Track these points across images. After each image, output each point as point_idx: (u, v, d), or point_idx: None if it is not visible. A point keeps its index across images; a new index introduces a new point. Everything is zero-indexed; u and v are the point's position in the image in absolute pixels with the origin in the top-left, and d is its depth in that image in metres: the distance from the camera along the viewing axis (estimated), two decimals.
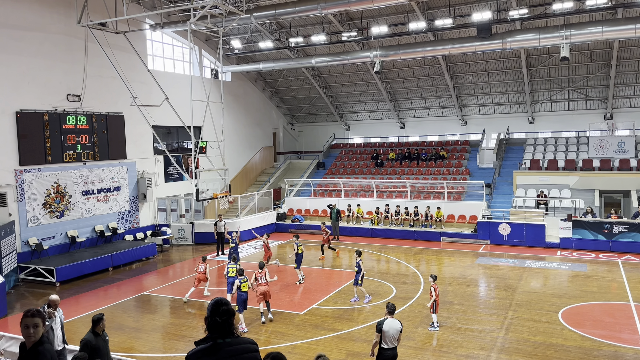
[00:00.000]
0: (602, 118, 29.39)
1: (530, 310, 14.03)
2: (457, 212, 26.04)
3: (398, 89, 33.71)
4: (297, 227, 27.93)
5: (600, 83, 28.61)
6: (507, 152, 30.66)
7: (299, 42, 27.80)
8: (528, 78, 29.08)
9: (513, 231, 23.18)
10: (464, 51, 24.00)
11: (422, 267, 19.76)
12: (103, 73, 22.00)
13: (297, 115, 39.21)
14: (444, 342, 11.95)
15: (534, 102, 30.85)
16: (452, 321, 13.35)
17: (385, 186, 29.24)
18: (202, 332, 3.85)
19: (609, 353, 11.11)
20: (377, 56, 25.26)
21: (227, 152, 24.72)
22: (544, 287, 16.57)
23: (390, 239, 25.38)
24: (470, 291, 16.21)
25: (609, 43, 25.52)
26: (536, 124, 31.40)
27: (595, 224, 21.85)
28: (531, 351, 11.30)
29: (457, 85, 31.73)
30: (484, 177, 27.81)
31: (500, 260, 20.46)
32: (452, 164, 30.51)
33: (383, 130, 36.05)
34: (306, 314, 14.15)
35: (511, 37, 22.43)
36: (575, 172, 26.19)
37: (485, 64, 29.90)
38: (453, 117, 33.56)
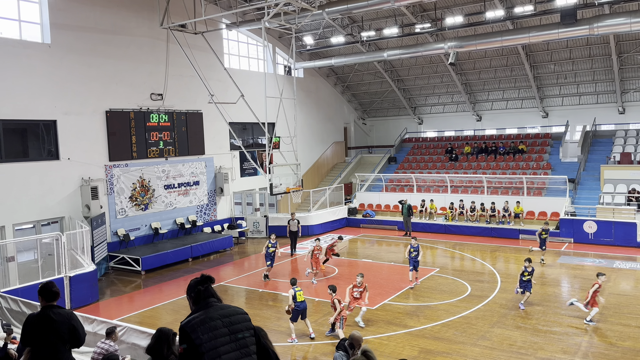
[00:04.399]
0: None
1: (619, 314, 13.13)
2: (537, 208, 24.80)
3: (474, 81, 32.57)
4: (368, 222, 27.86)
5: None
6: (593, 145, 28.73)
7: (371, 35, 27.60)
8: (618, 65, 27.05)
9: (600, 229, 21.73)
10: (545, 39, 22.72)
11: (499, 265, 19.04)
12: (183, 72, 23.05)
13: (368, 110, 39.01)
14: (523, 343, 11.47)
15: (625, 91, 28.66)
16: (532, 322, 12.77)
17: (460, 181, 28.40)
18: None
19: None
20: (451, 47, 24.53)
21: (299, 147, 25.10)
22: (634, 290, 15.42)
23: (465, 235, 24.65)
24: (551, 291, 15.43)
25: None
26: (627, 115, 29.16)
27: None
28: (619, 357, 10.57)
29: (538, 75, 30.14)
30: (567, 172, 26.25)
31: (585, 259, 19.28)
32: (532, 158, 29.07)
33: (458, 123, 35.01)
34: (378, 309, 14.10)
35: (599, 22, 20.91)
36: None
37: (569, 52, 28.15)
38: (533, 109, 31.94)
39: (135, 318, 13.93)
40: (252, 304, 15.22)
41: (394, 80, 34.36)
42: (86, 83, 19.96)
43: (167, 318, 14.07)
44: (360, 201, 30.12)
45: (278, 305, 14.92)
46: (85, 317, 10.21)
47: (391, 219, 27.71)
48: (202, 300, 3.95)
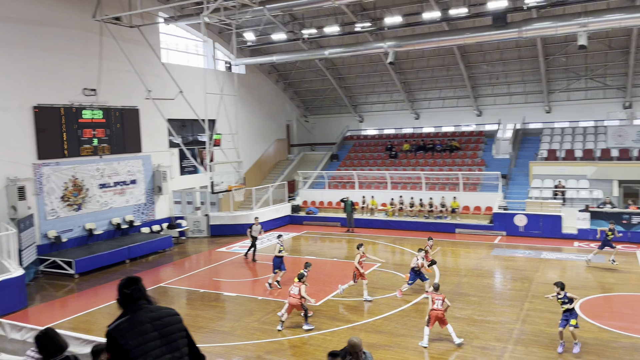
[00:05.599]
0: (621, 107, 28.82)
1: (547, 302, 13.91)
2: (472, 203, 25.86)
3: (412, 80, 33.44)
4: (311, 219, 28.00)
5: (619, 71, 28.06)
6: (523, 143, 30.28)
7: (312, 33, 27.69)
8: (545, 67, 28.63)
9: (529, 222, 22.96)
10: (479, 40, 23.65)
11: (437, 258, 19.67)
12: (118, 67, 22.17)
13: (310, 107, 39.16)
14: (460, 333, 11.90)
15: (551, 91, 30.39)
16: (467, 313, 13.30)
17: (400, 178, 29.11)
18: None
19: (627, 345, 10.99)
20: (390, 47, 25.03)
21: (241, 144, 24.84)
22: (560, 279, 16.36)
23: (405, 230, 25.31)
24: (485, 283, 16.13)
25: (627, 30, 24.97)
26: (553, 114, 30.93)
27: (614, 214, 21.53)
28: (548, 343, 11.22)
29: (472, 75, 31.37)
30: (499, 168, 27.53)
31: (516, 251, 20.30)
32: (467, 154, 30.25)
33: (397, 121, 35.84)
34: (321, 305, 14.20)
35: (527, 25, 22.01)
36: (593, 162, 25.79)
37: (501, 53, 29.50)
38: (468, 108, 33.22)
39: (68, 324, 13.29)
40: (193, 304, 14.92)
41: (335, 78, 34.67)
42: (12, 77, 18.77)
43: (103, 322, 13.47)
44: (304, 198, 30.22)
45: (221, 305, 14.71)
46: (13, 324, 9.63)
47: (334, 216, 27.99)
48: (130, 303, 3.79)
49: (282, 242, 16.45)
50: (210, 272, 18.51)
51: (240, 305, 14.63)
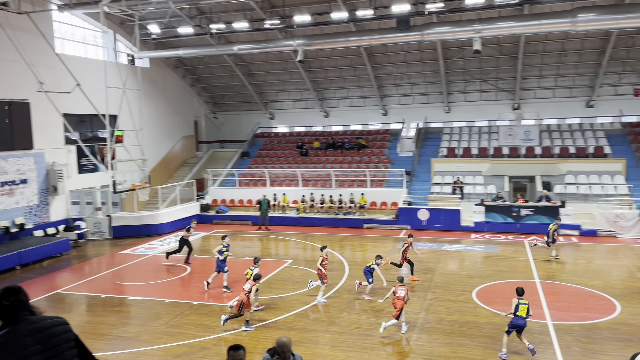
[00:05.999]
0: (511, 108, 31.35)
1: (448, 291, 14.79)
2: (379, 199, 26.80)
3: (321, 79, 33.94)
4: (221, 218, 27.48)
5: (509, 75, 30.47)
6: (425, 141, 31.91)
7: (221, 28, 27.13)
8: (444, 69, 30.34)
9: (431, 216, 24.25)
10: (384, 42, 24.50)
11: (347, 253, 20.18)
12: (5, 56, 20.27)
13: (219, 104, 38.39)
14: (369, 325, 12.31)
15: (450, 92, 32.28)
16: (375, 304, 13.76)
17: (310, 175, 29.45)
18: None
19: None
20: (300, 45, 25.20)
21: (146, 141, 23.77)
22: (459, 269, 17.51)
23: (316, 226, 25.68)
24: (392, 275, 16.77)
25: (516, 38, 27.17)
26: (452, 114, 32.91)
27: (505, 207, 23.37)
28: (448, 330, 11.93)
29: (378, 75, 32.48)
30: (404, 165, 28.80)
31: (419, 244, 21.31)
32: (374, 152, 31.29)
33: (307, 119, 36.22)
34: (232, 306, 13.98)
35: (428, 29, 23.19)
36: (487, 159, 27.81)
37: (404, 55, 30.81)
38: (375, 107, 34.36)
39: None
40: (94, 311, 14.04)
41: (245, 75, 34.28)
42: None
43: None
44: (213, 197, 29.58)
45: (125, 310, 13.99)
46: None
47: (245, 214, 27.70)
48: (9, 316, 3.47)
49: (227, 243, 15.66)
50: (113, 276, 17.54)
51: (147, 309, 14.02)
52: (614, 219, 21.86)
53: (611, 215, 21.88)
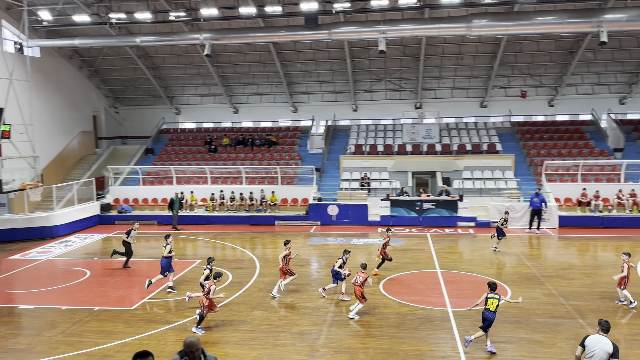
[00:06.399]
0: (414, 107, 32.87)
1: None
2: (290, 195, 26.92)
3: (230, 74, 33.38)
4: (123, 218, 26.12)
5: (412, 76, 31.93)
6: (334, 138, 32.56)
7: (121, 18, 25.73)
8: (351, 68, 31.11)
9: (340, 212, 24.79)
10: (292, 39, 24.67)
11: (258, 251, 20.06)
12: None
13: (121, 98, 36.42)
14: (280, 321, 12.32)
15: (357, 91, 33.18)
16: (287, 301, 13.81)
17: (220, 172, 28.89)
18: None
19: (421, 316, 12.60)
20: (207, 39, 24.62)
21: (37, 137, 21.97)
22: (367, 262, 18.04)
23: (226, 225, 25.23)
24: (303, 271, 16.93)
25: (418, 39, 28.52)
26: (359, 112, 33.86)
27: (409, 202, 24.48)
28: (357, 322, 12.26)
29: (288, 72, 32.57)
30: (314, 162, 29.18)
31: (329, 239, 21.74)
32: (284, 149, 31.36)
33: (216, 115, 35.46)
34: (137, 309, 13.36)
35: (336, 28, 23.69)
36: (392, 156, 28.97)
37: (313, 53, 31.18)
38: (285, 104, 34.43)
39: None
40: None
41: (148, 68, 32.81)
42: None
43: None
44: (115, 196, 28.03)
45: (15, 321, 12.83)
46: None
47: (150, 213, 26.56)
48: None
49: (170, 242, 14.97)
50: (0, 284, 16.02)
51: (40, 318, 12.96)
52: (505, 211, 23.68)
53: (502, 208, 23.70)
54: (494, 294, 10.44)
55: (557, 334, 11.33)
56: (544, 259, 17.80)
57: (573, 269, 16.64)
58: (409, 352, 10.58)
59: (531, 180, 26.76)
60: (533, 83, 31.53)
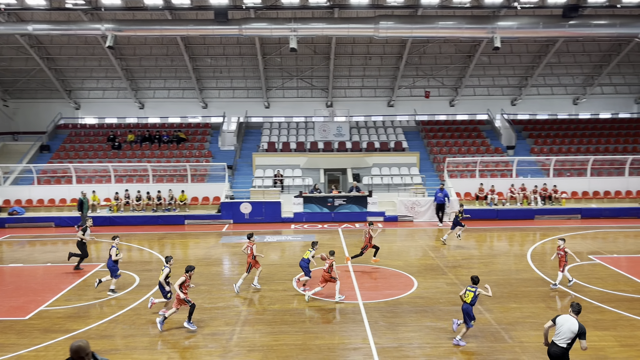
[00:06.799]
0: (325, 105, 33.40)
1: (270, 282, 15.18)
2: (200, 194, 26.27)
3: (135, 67, 31.85)
4: (15, 221, 24.04)
5: (323, 74, 32.41)
6: (246, 135, 32.23)
7: (11, 4, 23.60)
8: (263, 65, 30.95)
9: (254, 209, 24.62)
10: (202, 33, 24.05)
11: (166, 252, 19.36)
12: None
13: (11, 90, 33.43)
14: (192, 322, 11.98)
15: (269, 88, 33.08)
16: (198, 302, 13.46)
17: (125, 170, 27.49)
18: None
19: (333, 310, 12.85)
20: (109, 30, 23.30)
21: None
22: (281, 259, 18.11)
23: (132, 225, 24.09)
24: (215, 270, 16.61)
25: (328, 39, 29.00)
26: (271, 109, 33.79)
27: (321, 198, 24.86)
28: (271, 319, 12.26)
29: (197, 67, 31.72)
30: (225, 159, 28.68)
31: (242, 238, 21.49)
32: (194, 146, 30.52)
33: (120, 110, 33.69)
34: (31, 319, 12.36)
35: (246, 24, 23.44)
36: (304, 153, 29.24)
37: (223, 48, 30.62)
38: (194, 100, 33.50)
39: None
40: None
41: (42, 59, 30.43)
42: None
43: None
44: (5, 197, 25.73)
45: None
46: None
47: (46, 215, 24.69)
48: None
49: (117, 244, 14.42)
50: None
51: None
52: (411, 206, 24.84)
53: (408, 203, 24.82)
54: (472, 287, 10.73)
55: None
56: (447, 250, 18.89)
57: (472, 259, 17.81)
58: (321, 346, 10.75)
59: (434, 176, 28.26)
60: (436, 84, 33.27)
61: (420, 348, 10.59)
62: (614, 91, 34.80)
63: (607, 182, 26.92)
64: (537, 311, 12.60)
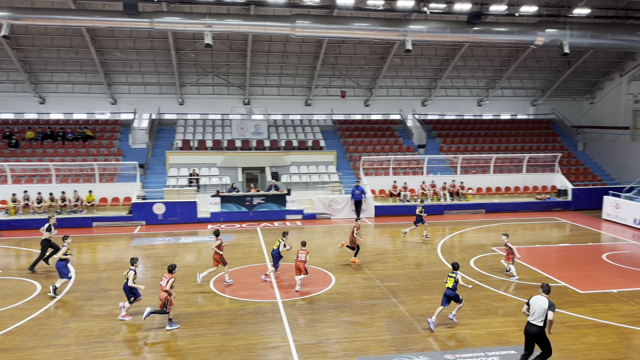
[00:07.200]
0: (242, 103, 32.99)
1: (186, 284, 14.76)
2: (110, 194, 24.93)
3: (34, 59, 29.53)
4: None
5: (239, 71, 31.98)
6: (159, 133, 31.04)
7: None
8: (176, 60, 29.93)
9: (168, 210, 23.78)
10: (110, 25, 22.84)
11: (73, 256, 18.17)
12: None
13: None
14: (100, 332, 11.36)
15: (183, 84, 32.08)
16: (108, 308, 12.79)
17: (24, 170, 25.43)
18: None
19: (252, 310, 12.76)
20: (4, 18, 21.44)
21: None
22: (197, 260, 17.66)
23: (33, 229, 22.31)
24: (120, 275, 15.84)
25: (245, 36, 28.63)
26: (186, 106, 32.79)
27: (239, 197, 24.54)
28: (187, 322, 11.92)
29: (105, 61, 30.04)
30: (137, 158, 27.41)
31: (155, 239, 20.71)
32: (102, 144, 28.92)
33: (17, 105, 31.05)
34: None
35: (158, 17, 22.57)
36: (221, 151, 28.70)
37: (134, 42, 29.26)
38: (102, 95, 31.68)
39: None
40: None
41: None
42: None
43: None
44: None
45: None
46: None
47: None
48: None
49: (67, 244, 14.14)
50: None
51: None
52: (329, 203, 25.23)
53: (326, 200, 25.18)
54: (453, 273, 11.54)
55: (374, 314, 12.45)
56: (363, 246, 19.40)
57: (387, 254, 18.45)
58: (240, 347, 10.63)
59: (351, 174, 28.91)
60: (351, 84, 34.01)
61: (338, 343, 10.79)
62: (513, 94, 37.52)
63: (508, 178, 29.02)
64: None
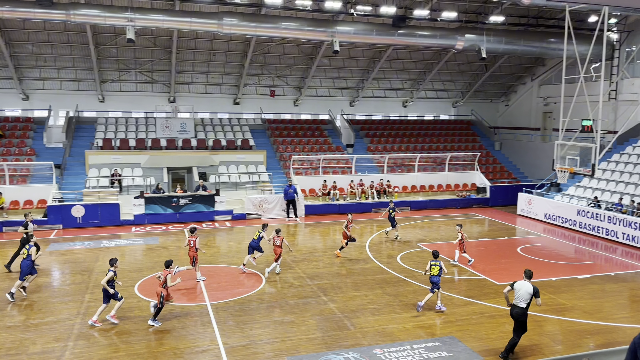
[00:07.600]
0: (167, 101, 31.95)
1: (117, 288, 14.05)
2: (22, 197, 23.29)
3: None
4: None
5: (164, 68, 30.93)
6: (77, 131, 29.40)
7: None
8: (96, 56, 28.45)
9: (87, 212, 22.58)
10: (20, 16, 21.34)
11: None
12: None
13: None
14: (12, 343, 10.58)
15: (104, 81, 30.56)
16: (19, 319, 11.93)
17: None
18: None
19: (180, 313, 12.39)
20: None
21: None
22: (120, 264, 16.84)
23: None
24: (41, 282, 14.87)
25: (170, 32, 27.71)
26: (107, 103, 31.27)
27: (165, 198, 23.75)
28: (109, 329, 11.37)
29: (16, 54, 27.98)
30: (52, 158, 25.77)
31: (74, 244, 19.60)
32: (13, 143, 26.93)
33: None
34: None
35: (75, 9, 21.39)
36: (145, 151, 27.63)
37: (48, 34, 27.48)
38: (12, 90, 29.48)
39: None
40: None
41: None
42: None
43: None
44: None
45: None
46: None
47: None
48: None
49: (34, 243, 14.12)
50: None
51: None
52: (259, 203, 25.03)
53: (256, 200, 24.97)
54: (436, 261, 12.38)
55: (305, 312, 12.50)
56: (294, 245, 19.42)
57: (317, 252, 18.59)
58: (167, 352, 10.29)
59: (281, 173, 28.85)
60: (280, 84, 33.93)
61: (268, 343, 10.73)
62: (436, 96, 39.08)
63: (431, 176, 30.21)
64: (375, 297, 13.62)
